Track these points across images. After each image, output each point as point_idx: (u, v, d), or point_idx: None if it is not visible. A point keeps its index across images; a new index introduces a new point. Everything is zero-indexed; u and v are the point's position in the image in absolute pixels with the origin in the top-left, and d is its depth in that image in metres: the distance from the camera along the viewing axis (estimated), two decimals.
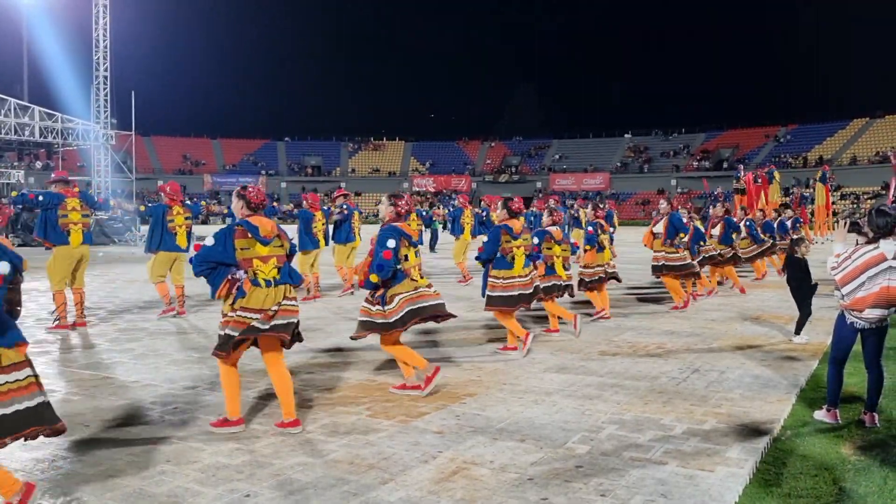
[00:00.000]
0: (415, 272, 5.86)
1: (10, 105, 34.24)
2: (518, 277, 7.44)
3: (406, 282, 5.72)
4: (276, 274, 4.82)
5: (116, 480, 3.88)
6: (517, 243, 7.44)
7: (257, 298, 4.69)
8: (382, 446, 4.45)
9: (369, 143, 75.62)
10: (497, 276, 7.45)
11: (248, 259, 4.73)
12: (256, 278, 4.72)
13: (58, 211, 8.64)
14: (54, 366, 6.77)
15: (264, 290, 4.72)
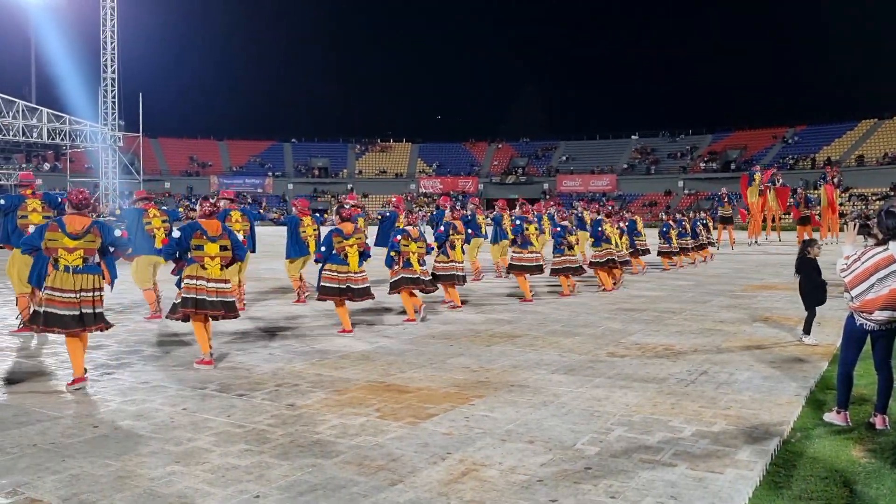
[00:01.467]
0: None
1: (18, 107, 34.33)
2: (352, 273, 8.69)
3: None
4: (80, 263, 6.07)
5: (126, 481, 3.89)
6: (349, 242, 8.69)
7: (59, 280, 5.99)
8: (391, 448, 4.45)
9: (376, 144, 75.68)
10: (330, 269, 8.66)
11: (55, 248, 6.01)
12: (58, 264, 6.01)
13: (17, 213, 8.66)
14: (65, 367, 6.78)
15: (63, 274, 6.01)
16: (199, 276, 6.80)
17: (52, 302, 5.93)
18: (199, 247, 6.85)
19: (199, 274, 6.81)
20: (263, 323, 9.36)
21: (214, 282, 6.84)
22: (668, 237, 17.50)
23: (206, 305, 6.77)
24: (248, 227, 10.56)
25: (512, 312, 10.27)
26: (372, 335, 8.45)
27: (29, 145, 37.27)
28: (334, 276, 8.64)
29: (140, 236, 9.54)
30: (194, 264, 6.84)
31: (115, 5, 37.07)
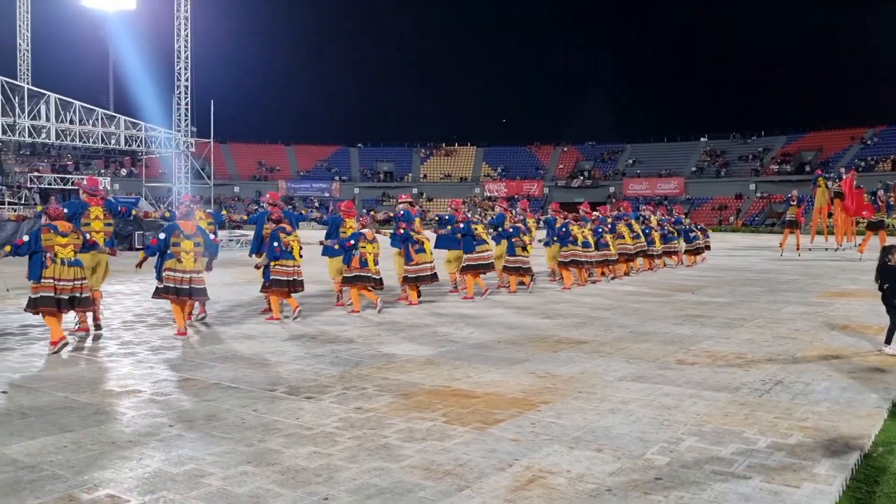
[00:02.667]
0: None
1: (97, 115, 35.69)
2: (293, 267, 9.94)
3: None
4: (72, 256, 7.82)
5: (200, 480, 3.98)
6: (291, 238, 9.94)
7: (58, 271, 7.66)
8: (458, 453, 4.45)
9: (441, 148, 75.98)
10: (277, 264, 9.85)
11: (51, 246, 7.66)
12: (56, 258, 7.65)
13: (81, 220, 8.94)
14: (140, 367, 7.00)
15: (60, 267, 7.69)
16: (175, 269, 8.47)
17: (48, 288, 7.59)
18: (176, 244, 8.50)
19: (176, 266, 8.47)
20: (331, 326, 9.48)
21: (189, 272, 8.49)
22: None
23: (182, 293, 8.54)
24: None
25: (577, 318, 10.16)
26: (437, 340, 8.48)
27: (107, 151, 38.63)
28: (282, 269, 9.89)
29: None
30: (172, 259, 8.50)
31: (189, 15, 38.19)
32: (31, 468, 4.16)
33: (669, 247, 19.03)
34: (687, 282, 15.37)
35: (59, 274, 7.70)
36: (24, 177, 36.43)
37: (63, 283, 7.70)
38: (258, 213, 11.08)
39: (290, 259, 9.91)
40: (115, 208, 9.47)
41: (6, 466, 4.19)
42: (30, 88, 35.28)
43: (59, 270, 7.70)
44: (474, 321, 9.86)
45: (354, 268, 10.65)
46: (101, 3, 44.95)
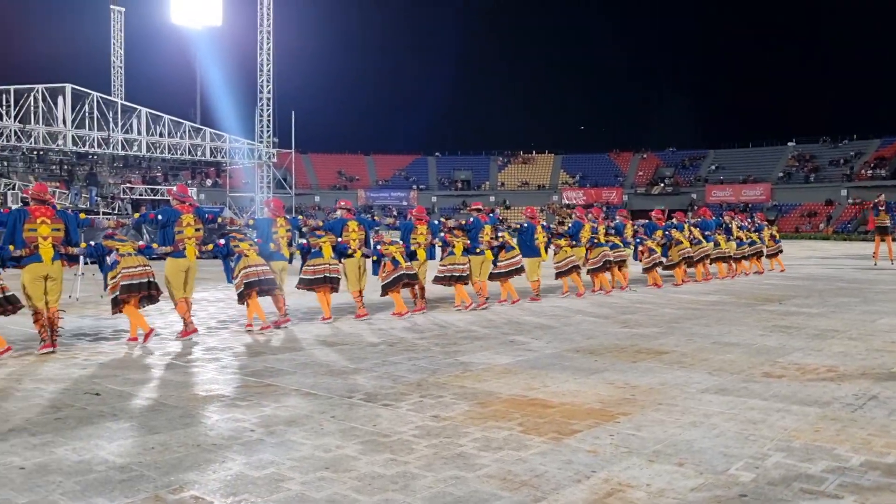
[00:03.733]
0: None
1: (184, 128, 37.06)
2: (325, 264, 10.51)
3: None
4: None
5: (280, 484, 4.05)
6: (323, 239, 10.58)
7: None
8: (534, 463, 4.40)
9: (518, 156, 75.81)
10: (309, 264, 10.51)
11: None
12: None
13: (175, 227, 9.23)
14: (224, 372, 7.20)
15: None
16: (249, 265, 9.64)
17: (126, 277, 8.60)
18: (236, 245, 9.80)
19: (249, 263, 9.65)
20: (409, 334, 9.55)
21: (261, 265, 9.76)
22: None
23: (266, 283, 9.78)
24: (363, 235, 11.16)
25: (658, 327, 9.95)
26: (514, 349, 8.43)
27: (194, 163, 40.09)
28: (314, 268, 10.55)
29: (273, 244, 10.15)
30: (242, 258, 9.66)
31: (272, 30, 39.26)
32: (121, 468, 4.31)
33: (741, 252, 18.77)
34: (774, 291, 14.87)
35: (129, 263, 8.68)
36: (117, 188, 38.05)
37: (133, 270, 8.66)
38: (335, 221, 11.29)
39: (321, 257, 10.53)
40: (204, 215, 9.79)
41: (98, 466, 4.35)
42: (123, 104, 36.88)
43: (127, 261, 8.67)
44: (552, 330, 9.77)
45: (389, 271, 11.10)
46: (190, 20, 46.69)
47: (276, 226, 10.36)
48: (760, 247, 19.63)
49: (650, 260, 15.77)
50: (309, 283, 10.58)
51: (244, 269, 9.65)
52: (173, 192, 10.09)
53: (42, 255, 8.08)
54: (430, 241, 11.82)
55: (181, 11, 46.69)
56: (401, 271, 11.15)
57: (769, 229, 20.88)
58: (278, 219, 10.47)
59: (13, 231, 8.03)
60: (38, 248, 8.06)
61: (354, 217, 11.40)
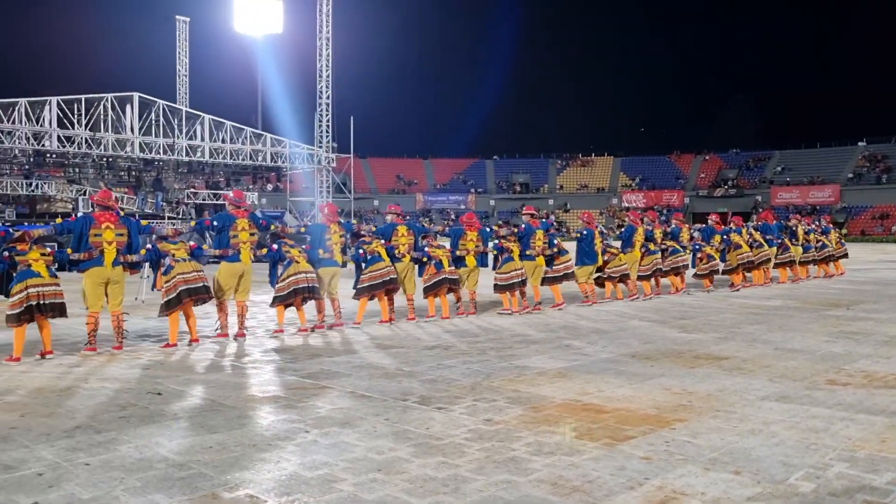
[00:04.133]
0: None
1: (246, 134, 37.87)
2: (386, 268, 10.74)
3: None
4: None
5: (332, 485, 4.10)
6: (376, 244, 10.77)
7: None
8: (587, 469, 4.36)
9: (577, 159, 75.23)
10: (367, 271, 10.63)
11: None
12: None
13: (230, 231, 9.38)
14: (280, 374, 7.32)
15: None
16: (298, 272, 9.80)
17: (179, 283, 8.75)
18: (287, 251, 9.94)
19: (298, 270, 9.82)
20: (463, 338, 9.56)
21: (309, 272, 9.92)
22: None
23: (311, 290, 9.93)
24: (412, 240, 11.25)
25: (717, 332, 9.75)
26: (569, 353, 8.36)
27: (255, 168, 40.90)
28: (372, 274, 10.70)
29: (323, 250, 10.25)
30: (293, 265, 9.87)
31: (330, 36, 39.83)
32: (180, 466, 4.43)
33: (809, 256, 18.45)
34: (841, 296, 14.43)
35: (184, 269, 8.83)
36: (181, 193, 39.07)
37: (188, 275, 8.83)
38: (386, 226, 11.40)
39: (381, 262, 10.69)
40: (258, 220, 9.97)
41: (159, 463, 4.47)
42: (187, 111, 37.87)
43: (182, 266, 8.83)
44: (608, 335, 9.66)
45: (432, 274, 11.20)
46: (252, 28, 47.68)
47: (330, 232, 10.45)
48: (830, 250, 19.10)
49: (707, 267, 15.51)
50: (369, 289, 10.66)
51: (293, 276, 9.81)
52: (229, 197, 10.31)
53: (105, 259, 8.34)
54: (480, 248, 11.78)
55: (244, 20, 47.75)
56: (444, 275, 11.23)
57: (836, 232, 20.30)
58: (332, 224, 10.57)
59: (80, 237, 8.32)
60: (103, 253, 8.33)
61: (404, 222, 11.46)
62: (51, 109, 33.14)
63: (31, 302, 7.87)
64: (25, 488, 4.05)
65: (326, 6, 39.88)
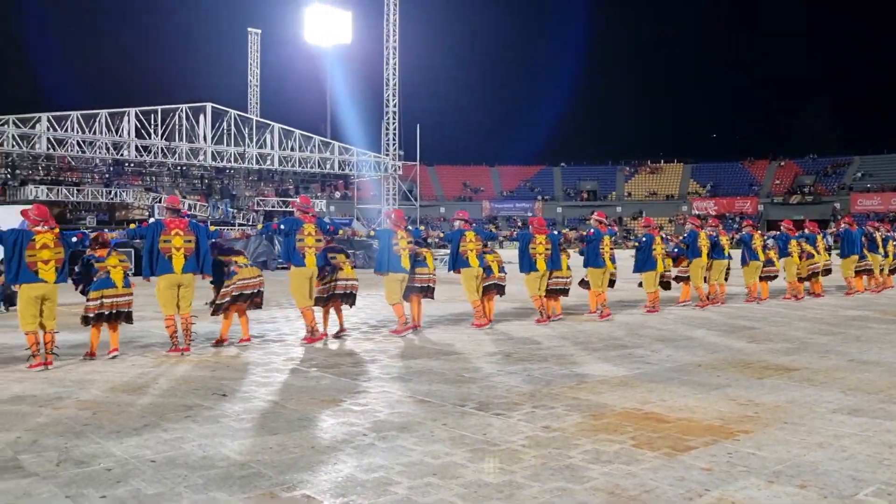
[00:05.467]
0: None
1: (314, 142, 38.56)
2: (429, 274, 10.92)
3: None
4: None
5: (388, 487, 4.12)
6: (402, 245, 10.51)
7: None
8: (645, 478, 4.28)
9: (646, 165, 74.14)
10: (416, 272, 10.69)
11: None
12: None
13: (297, 236, 9.52)
14: (342, 378, 7.41)
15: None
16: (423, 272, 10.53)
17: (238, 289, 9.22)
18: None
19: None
20: (526, 345, 9.51)
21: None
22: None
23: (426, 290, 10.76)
24: (480, 245, 11.27)
25: (789, 342, 9.45)
26: (633, 361, 8.23)
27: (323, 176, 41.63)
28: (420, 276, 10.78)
29: (390, 255, 10.32)
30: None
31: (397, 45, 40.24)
32: (241, 465, 4.52)
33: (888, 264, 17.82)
34: None
35: (245, 275, 9.30)
36: (251, 200, 39.98)
37: (248, 281, 9.28)
38: (454, 231, 11.41)
39: (425, 267, 10.83)
40: (325, 226, 10.13)
41: (221, 462, 4.58)
42: (257, 120, 38.79)
43: (244, 272, 9.28)
44: (673, 343, 9.48)
45: (482, 279, 11.21)
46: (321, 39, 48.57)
47: (397, 237, 10.53)
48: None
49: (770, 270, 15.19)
50: (410, 291, 10.73)
51: (333, 282, 9.98)
52: (296, 203, 10.53)
53: (174, 265, 8.60)
54: (549, 252, 11.69)
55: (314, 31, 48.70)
56: (493, 280, 11.28)
57: None
58: (399, 230, 10.63)
59: (153, 242, 8.61)
60: (171, 259, 8.59)
61: (472, 228, 11.50)
62: (129, 120, 34.41)
63: (104, 311, 8.40)
64: (95, 483, 4.20)
65: (394, 15, 40.38)
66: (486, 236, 11.83)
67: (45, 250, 7.76)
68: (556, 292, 11.89)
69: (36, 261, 7.72)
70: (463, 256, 11.04)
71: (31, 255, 7.70)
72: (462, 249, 11.05)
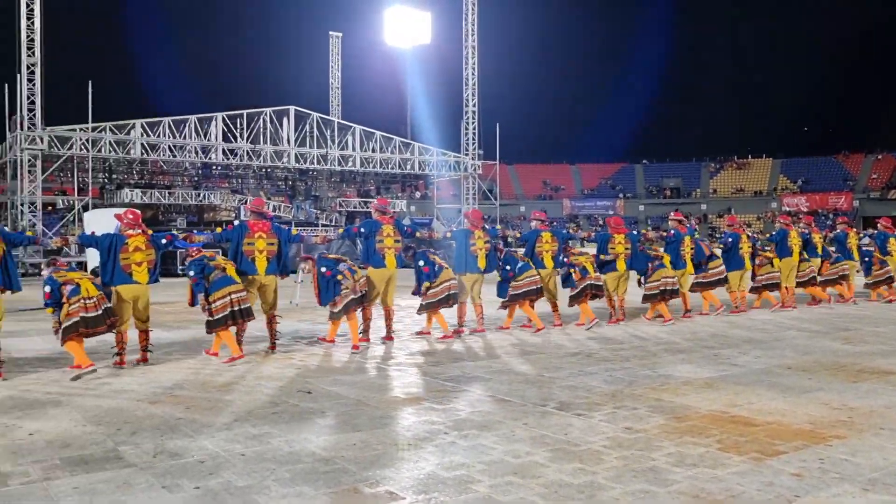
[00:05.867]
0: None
1: (395, 143, 39.03)
2: (535, 276, 10.72)
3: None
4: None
5: (469, 486, 4.16)
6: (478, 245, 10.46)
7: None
8: (731, 483, 4.18)
9: (732, 161, 72.04)
10: (519, 278, 10.57)
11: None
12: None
13: (376, 237, 9.59)
14: (424, 377, 7.50)
15: None
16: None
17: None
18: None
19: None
20: (607, 345, 9.41)
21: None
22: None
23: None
24: (556, 247, 11.19)
25: (886, 344, 9.05)
26: (718, 363, 8.04)
27: (404, 176, 42.10)
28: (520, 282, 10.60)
29: (467, 256, 10.32)
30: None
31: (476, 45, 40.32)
32: (325, 461, 4.63)
33: None
34: None
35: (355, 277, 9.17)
36: (333, 201, 40.75)
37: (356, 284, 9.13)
38: (530, 232, 11.38)
39: (530, 269, 10.67)
40: (403, 228, 10.22)
41: (306, 458, 4.71)
42: (339, 122, 39.50)
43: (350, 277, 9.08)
44: (762, 344, 9.21)
45: (577, 281, 11.12)
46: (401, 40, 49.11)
47: (474, 237, 10.53)
48: None
49: (882, 273, 14.39)
50: (523, 295, 10.63)
51: (444, 282, 10.00)
52: (375, 204, 10.65)
53: (257, 267, 8.83)
54: (628, 251, 11.51)
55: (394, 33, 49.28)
56: (588, 281, 11.11)
57: None
58: (476, 230, 10.62)
59: (238, 245, 8.86)
60: (255, 261, 8.81)
61: (548, 228, 11.42)
62: (216, 125, 35.58)
63: (234, 308, 8.33)
64: (189, 474, 4.38)
65: (472, 14, 40.48)
66: (563, 237, 11.70)
67: (137, 253, 8.09)
68: (665, 294, 11.49)
69: (129, 263, 8.04)
70: (538, 257, 10.99)
71: (124, 258, 8.03)
72: (538, 250, 11.00)
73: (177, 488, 4.15)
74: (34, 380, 7.37)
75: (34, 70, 31.50)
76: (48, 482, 4.26)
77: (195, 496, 4.03)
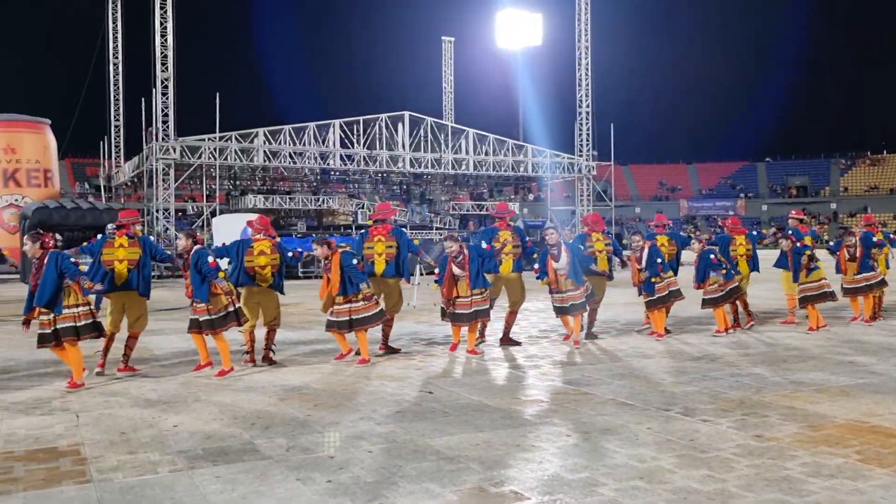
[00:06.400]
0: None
1: (508, 146, 39.08)
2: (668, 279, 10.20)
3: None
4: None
5: (594, 489, 4.14)
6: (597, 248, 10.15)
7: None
8: (874, 496, 3.98)
9: (865, 157, 68.09)
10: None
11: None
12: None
13: (493, 242, 9.51)
14: (544, 379, 7.50)
15: None
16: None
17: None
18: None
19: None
20: (734, 349, 9.12)
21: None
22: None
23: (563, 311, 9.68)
24: (674, 251, 10.86)
25: None
26: (854, 370, 7.64)
27: (517, 178, 42.10)
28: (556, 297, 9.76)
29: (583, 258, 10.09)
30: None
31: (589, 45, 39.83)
32: (450, 460, 4.72)
33: None
34: None
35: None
36: (447, 204, 41.20)
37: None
38: (647, 235, 11.11)
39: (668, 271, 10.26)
40: (523, 233, 10.16)
41: (431, 456, 4.80)
42: (452, 126, 39.92)
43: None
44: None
45: (720, 285, 10.38)
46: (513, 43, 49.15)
47: (592, 240, 10.36)
48: None
49: None
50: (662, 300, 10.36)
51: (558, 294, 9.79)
52: (492, 210, 10.69)
53: (376, 269, 9.04)
54: (749, 253, 11.05)
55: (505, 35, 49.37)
56: (732, 285, 10.43)
57: None
58: (594, 234, 10.44)
59: (359, 250, 9.11)
60: (374, 264, 9.03)
61: (665, 232, 11.10)
62: (334, 131, 36.68)
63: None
64: (320, 468, 4.56)
65: (585, 14, 40.01)
66: (681, 241, 11.35)
67: (261, 256, 8.42)
68: (814, 298, 10.59)
69: (253, 265, 8.39)
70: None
71: (249, 261, 8.39)
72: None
73: (310, 481, 4.33)
74: (173, 375, 7.83)
75: (167, 84, 33.44)
76: (193, 471, 4.54)
77: (328, 489, 4.19)
